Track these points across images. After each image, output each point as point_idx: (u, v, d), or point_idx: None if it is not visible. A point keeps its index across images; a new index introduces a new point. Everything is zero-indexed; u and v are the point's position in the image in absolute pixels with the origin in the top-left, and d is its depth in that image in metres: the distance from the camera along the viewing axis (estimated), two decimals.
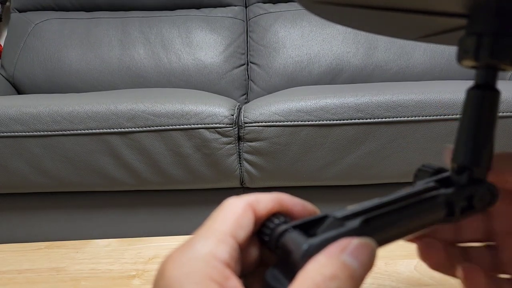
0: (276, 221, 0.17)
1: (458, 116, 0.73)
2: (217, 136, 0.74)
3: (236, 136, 0.76)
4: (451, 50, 1.17)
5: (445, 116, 0.73)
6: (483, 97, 0.18)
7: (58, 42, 1.22)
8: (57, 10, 1.29)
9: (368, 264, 0.15)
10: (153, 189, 0.82)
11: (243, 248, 0.17)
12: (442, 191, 0.17)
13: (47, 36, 1.23)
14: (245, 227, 0.17)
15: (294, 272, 0.15)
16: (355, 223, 0.16)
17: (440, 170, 0.19)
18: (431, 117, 0.73)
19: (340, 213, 0.16)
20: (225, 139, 0.75)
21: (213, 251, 0.15)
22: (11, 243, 0.41)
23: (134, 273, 0.35)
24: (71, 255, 0.38)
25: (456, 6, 0.13)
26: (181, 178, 0.78)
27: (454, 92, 0.74)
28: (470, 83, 0.77)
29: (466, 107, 0.18)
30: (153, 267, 0.36)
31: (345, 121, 0.73)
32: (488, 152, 0.18)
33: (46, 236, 0.85)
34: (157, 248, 0.39)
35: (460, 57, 0.17)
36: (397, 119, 0.73)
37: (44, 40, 1.22)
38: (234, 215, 0.17)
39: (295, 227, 0.16)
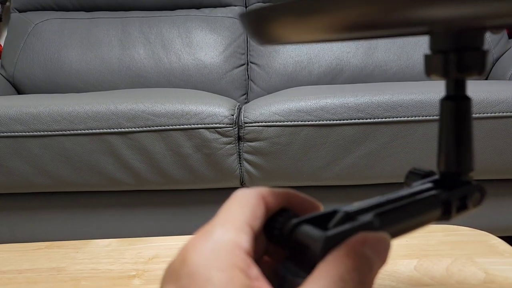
0: (285, 215, 0.17)
1: None
2: (217, 136, 0.74)
3: (236, 136, 0.76)
4: None
5: None
6: (457, 106, 0.18)
7: (58, 42, 1.22)
8: (57, 10, 1.29)
9: (385, 257, 0.15)
10: (153, 189, 0.82)
11: (256, 238, 0.17)
12: (439, 191, 0.18)
13: (47, 36, 1.23)
14: (259, 218, 0.17)
15: (311, 264, 0.15)
16: (367, 217, 0.16)
17: (430, 173, 0.20)
18: (431, 117, 0.73)
19: (348, 208, 0.16)
20: (225, 139, 0.75)
21: (235, 240, 0.16)
22: (11, 243, 0.41)
23: (134, 273, 0.35)
24: (71, 255, 0.38)
25: (417, 29, 0.13)
26: (181, 178, 0.78)
27: None
28: (470, 83, 0.77)
29: (443, 117, 0.18)
30: (153, 267, 0.35)
31: (345, 121, 0.73)
32: (471, 156, 0.19)
33: (46, 236, 0.85)
34: (157, 248, 0.39)
35: (429, 72, 0.17)
36: (397, 119, 0.73)
37: (44, 40, 1.22)
38: (249, 205, 0.17)
39: (306, 221, 0.16)
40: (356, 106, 0.73)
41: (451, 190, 0.18)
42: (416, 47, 1.17)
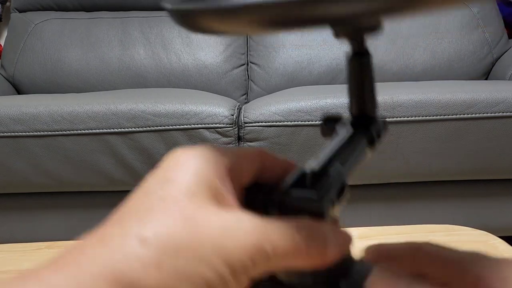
0: (265, 186, 0.18)
1: (458, 116, 0.73)
2: (217, 136, 0.74)
3: (236, 136, 0.76)
4: (451, 50, 1.17)
5: (445, 116, 0.73)
6: (365, 61, 0.22)
7: (58, 42, 1.22)
8: (57, 10, 1.29)
9: (337, 244, 0.17)
10: None
11: None
12: (365, 131, 0.22)
13: (47, 36, 1.23)
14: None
15: None
16: (338, 167, 0.18)
17: (341, 116, 0.23)
18: (431, 117, 0.73)
19: (313, 165, 0.18)
20: (225, 139, 0.75)
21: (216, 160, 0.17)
22: (11, 243, 0.41)
23: None
24: None
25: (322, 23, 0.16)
26: None
27: (454, 92, 0.74)
28: (470, 83, 0.77)
29: (352, 70, 0.22)
30: None
31: None
32: (375, 99, 0.23)
33: (46, 236, 0.85)
34: None
35: (338, 35, 0.20)
36: (397, 119, 0.73)
37: (44, 40, 1.22)
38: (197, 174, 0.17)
39: (291, 186, 0.17)
40: None
41: (370, 127, 0.22)
42: (415, 47, 1.17)
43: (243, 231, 0.15)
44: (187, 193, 0.15)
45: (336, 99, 0.74)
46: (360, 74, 0.22)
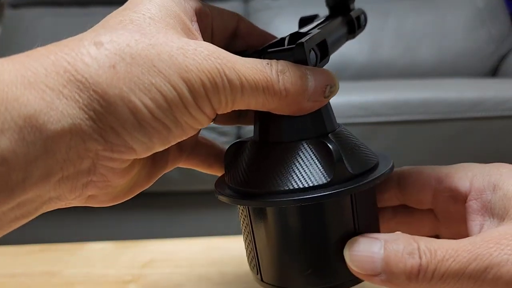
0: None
1: (465, 115, 0.72)
2: (216, 135, 0.73)
3: (236, 135, 0.75)
4: (457, 47, 1.16)
5: (452, 115, 0.72)
6: None
7: (53, 39, 1.19)
8: (51, 6, 1.28)
9: (321, 80, 0.17)
10: (150, 191, 0.81)
11: None
12: (342, 15, 0.22)
13: (42, 33, 1.21)
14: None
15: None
16: (316, 31, 0.18)
17: (316, 15, 0.23)
18: (438, 116, 0.72)
19: (300, 32, 0.18)
20: (224, 139, 0.74)
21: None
22: (3, 246, 0.40)
23: (130, 278, 0.34)
24: (65, 259, 0.37)
25: None
26: (178, 179, 0.77)
27: (460, 91, 0.73)
28: (477, 81, 0.75)
29: None
30: (149, 272, 0.35)
31: (349, 120, 0.72)
32: None
33: (40, 238, 0.84)
34: (153, 252, 0.38)
35: None
36: (403, 118, 0.72)
37: (39, 37, 1.21)
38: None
39: (270, 46, 0.18)
40: (360, 104, 0.72)
41: (347, 13, 0.22)
42: (422, 43, 1.16)
43: (205, 54, 0.14)
44: (151, 18, 0.15)
45: (340, 97, 0.73)
46: None
